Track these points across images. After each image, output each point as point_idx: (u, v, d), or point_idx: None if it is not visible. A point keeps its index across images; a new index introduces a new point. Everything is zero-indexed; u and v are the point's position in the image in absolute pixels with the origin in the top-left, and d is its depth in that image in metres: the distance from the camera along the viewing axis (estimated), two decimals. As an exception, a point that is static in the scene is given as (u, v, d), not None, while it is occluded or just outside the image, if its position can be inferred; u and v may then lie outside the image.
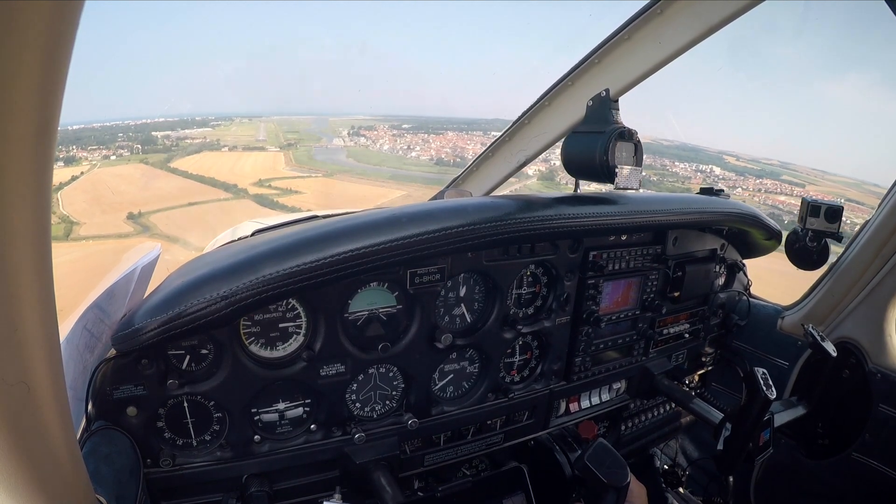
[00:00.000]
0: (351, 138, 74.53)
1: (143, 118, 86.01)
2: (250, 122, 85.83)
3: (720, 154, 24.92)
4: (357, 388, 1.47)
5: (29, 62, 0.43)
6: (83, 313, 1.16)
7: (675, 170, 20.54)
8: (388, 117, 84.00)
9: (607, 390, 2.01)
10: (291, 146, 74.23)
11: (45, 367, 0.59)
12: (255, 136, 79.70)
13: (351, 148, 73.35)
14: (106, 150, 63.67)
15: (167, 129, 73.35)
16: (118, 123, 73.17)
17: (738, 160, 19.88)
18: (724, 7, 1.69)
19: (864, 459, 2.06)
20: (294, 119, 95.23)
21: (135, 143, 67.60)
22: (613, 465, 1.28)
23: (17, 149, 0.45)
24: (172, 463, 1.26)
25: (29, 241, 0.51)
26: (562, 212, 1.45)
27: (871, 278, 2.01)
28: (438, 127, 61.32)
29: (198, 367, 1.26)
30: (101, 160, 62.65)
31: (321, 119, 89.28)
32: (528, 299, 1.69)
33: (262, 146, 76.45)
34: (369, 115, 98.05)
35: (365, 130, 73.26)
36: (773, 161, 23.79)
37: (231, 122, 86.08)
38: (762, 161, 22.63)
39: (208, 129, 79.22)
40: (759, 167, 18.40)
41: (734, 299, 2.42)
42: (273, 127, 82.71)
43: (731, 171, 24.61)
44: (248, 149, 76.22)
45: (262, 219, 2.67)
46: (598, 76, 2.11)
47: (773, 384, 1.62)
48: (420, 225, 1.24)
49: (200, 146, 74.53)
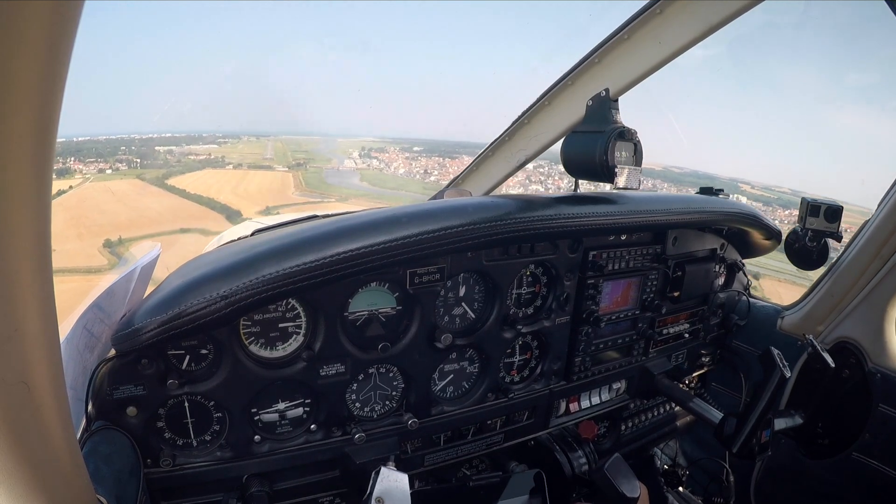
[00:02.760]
0: (363, 160, 70.98)
1: (151, 133, 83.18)
2: (258, 140, 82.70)
3: (732, 181, 24.13)
4: (357, 388, 1.47)
5: (29, 62, 0.43)
6: (83, 313, 1.16)
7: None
8: (397, 140, 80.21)
9: (607, 390, 2.01)
10: (300, 166, 70.78)
11: (45, 367, 0.59)
12: (263, 154, 76.61)
13: (364, 171, 69.13)
14: (103, 164, 59.99)
15: (172, 145, 70.25)
16: (124, 137, 70.00)
17: (753, 188, 19.59)
18: (724, 7, 1.70)
19: (864, 459, 2.06)
20: (302, 139, 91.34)
21: (134, 157, 64.30)
22: (627, 477, 1.43)
23: (17, 148, 0.45)
24: (172, 463, 1.26)
25: (29, 241, 0.51)
26: (561, 212, 1.45)
27: (871, 278, 2.01)
28: (451, 151, 56.82)
29: (198, 367, 1.26)
30: (95, 174, 58.63)
31: (330, 140, 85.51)
32: (528, 299, 1.69)
33: (270, 164, 73.04)
34: (378, 137, 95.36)
35: (376, 153, 69.80)
36: (785, 189, 23.42)
37: (239, 139, 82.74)
38: (775, 189, 22.28)
39: (214, 147, 75.81)
40: (774, 195, 18.16)
41: (734, 299, 2.42)
42: (281, 146, 79.05)
43: (757, 201, 24.06)
44: (255, 167, 72.38)
45: (262, 219, 2.67)
46: (597, 76, 2.11)
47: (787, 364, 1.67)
48: (420, 224, 1.24)
49: (204, 163, 70.93)
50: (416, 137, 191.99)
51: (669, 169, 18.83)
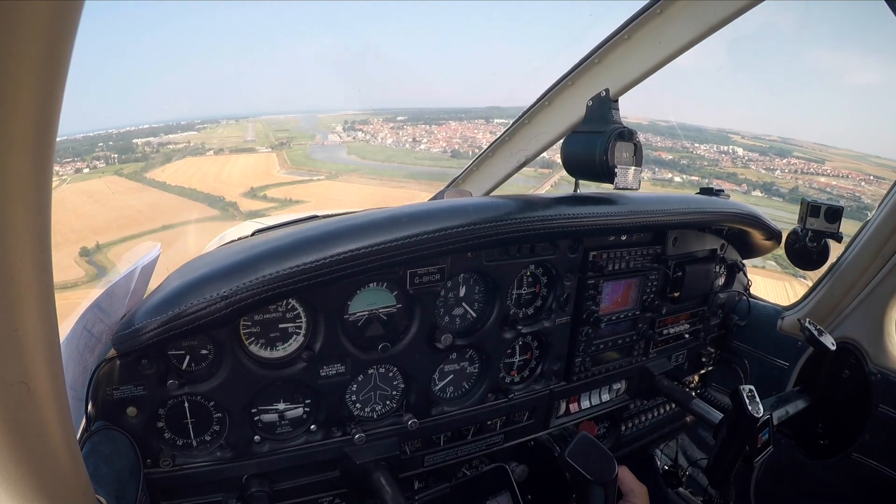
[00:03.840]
0: (347, 133, 68.77)
1: (127, 126, 79.20)
2: (237, 123, 79.06)
3: (721, 132, 23.32)
4: (357, 389, 1.47)
5: (29, 62, 0.43)
6: (83, 313, 1.16)
7: (699, 152, 19.11)
8: (379, 111, 76.96)
9: (607, 391, 2.01)
10: (284, 146, 67.74)
11: (45, 367, 0.59)
12: (244, 136, 73.45)
13: (350, 144, 66.61)
14: (80, 163, 55.16)
15: (149, 136, 66.22)
16: (101, 133, 64.17)
17: (743, 138, 19.12)
18: (724, 7, 1.70)
19: (864, 460, 2.06)
20: (282, 118, 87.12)
21: (112, 152, 59.39)
22: (599, 459, 1.20)
23: (17, 148, 0.45)
24: (172, 463, 1.26)
25: (29, 241, 0.51)
26: (562, 212, 1.45)
27: (871, 278, 2.01)
28: (437, 118, 54.96)
29: (198, 368, 1.26)
30: (72, 175, 53.14)
31: (310, 116, 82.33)
32: (528, 299, 1.69)
33: (252, 147, 70.02)
34: (359, 109, 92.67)
35: (359, 125, 67.74)
36: (774, 137, 22.94)
37: (217, 124, 78.69)
38: (764, 138, 21.67)
39: (193, 133, 71.86)
40: (765, 144, 17.72)
41: (734, 299, 2.42)
42: (261, 127, 75.77)
43: (753, 151, 22.96)
44: (237, 151, 68.81)
45: (262, 219, 2.68)
46: (598, 76, 2.11)
47: (759, 400, 1.60)
48: (420, 225, 1.24)
49: (183, 152, 67.04)
50: (399, 107, 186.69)
51: (656, 123, 18.58)
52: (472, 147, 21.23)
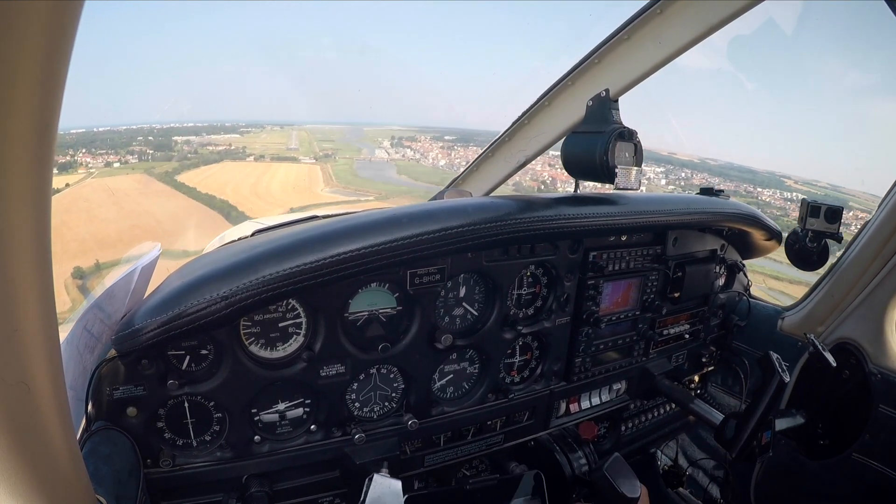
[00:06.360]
0: (395, 150, 62.45)
1: (172, 122, 73.73)
2: (282, 129, 74.65)
3: (771, 175, 22.53)
4: (357, 389, 1.47)
5: (29, 62, 0.43)
6: (83, 313, 1.16)
7: (763, 198, 18.39)
8: (425, 128, 69.99)
9: (607, 391, 2.01)
10: (329, 157, 62.52)
11: (45, 368, 0.59)
12: (287, 144, 68.59)
13: (399, 162, 59.72)
14: (113, 156, 52.80)
15: (191, 135, 63.19)
16: (143, 126, 61.30)
17: (796, 183, 18.76)
18: (724, 7, 1.69)
19: (864, 460, 2.06)
20: (327, 128, 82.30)
21: (149, 147, 56.40)
22: (627, 477, 1.44)
23: (17, 148, 0.45)
24: (172, 463, 1.26)
25: (29, 241, 0.51)
26: (562, 212, 1.45)
27: (871, 279, 2.01)
28: (486, 141, 56.25)
29: (198, 368, 1.26)
30: (101, 168, 50.73)
31: (356, 128, 77.08)
32: (528, 300, 1.69)
33: (294, 156, 64.69)
34: (404, 125, 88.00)
35: (407, 141, 61.78)
36: (823, 183, 22.41)
37: (262, 129, 74.21)
38: (815, 184, 21.31)
39: (236, 136, 67.57)
40: (821, 193, 17.39)
41: (734, 300, 2.42)
42: (305, 135, 70.58)
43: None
44: (278, 159, 63.08)
45: (262, 219, 2.66)
46: (597, 76, 2.10)
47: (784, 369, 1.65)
48: (420, 225, 1.24)
49: (222, 154, 62.86)
50: (442, 126, 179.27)
51: (706, 161, 18.42)
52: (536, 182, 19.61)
